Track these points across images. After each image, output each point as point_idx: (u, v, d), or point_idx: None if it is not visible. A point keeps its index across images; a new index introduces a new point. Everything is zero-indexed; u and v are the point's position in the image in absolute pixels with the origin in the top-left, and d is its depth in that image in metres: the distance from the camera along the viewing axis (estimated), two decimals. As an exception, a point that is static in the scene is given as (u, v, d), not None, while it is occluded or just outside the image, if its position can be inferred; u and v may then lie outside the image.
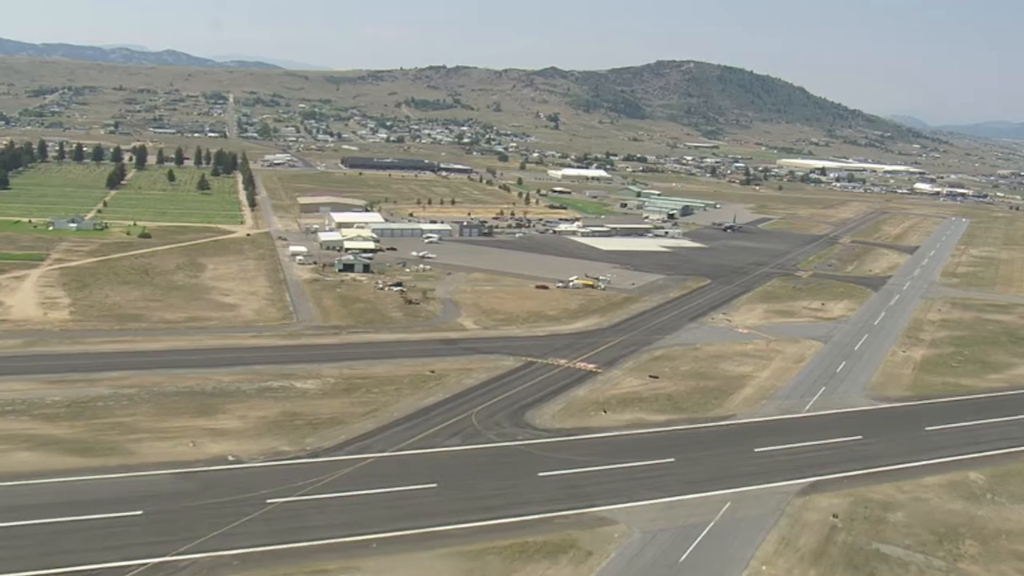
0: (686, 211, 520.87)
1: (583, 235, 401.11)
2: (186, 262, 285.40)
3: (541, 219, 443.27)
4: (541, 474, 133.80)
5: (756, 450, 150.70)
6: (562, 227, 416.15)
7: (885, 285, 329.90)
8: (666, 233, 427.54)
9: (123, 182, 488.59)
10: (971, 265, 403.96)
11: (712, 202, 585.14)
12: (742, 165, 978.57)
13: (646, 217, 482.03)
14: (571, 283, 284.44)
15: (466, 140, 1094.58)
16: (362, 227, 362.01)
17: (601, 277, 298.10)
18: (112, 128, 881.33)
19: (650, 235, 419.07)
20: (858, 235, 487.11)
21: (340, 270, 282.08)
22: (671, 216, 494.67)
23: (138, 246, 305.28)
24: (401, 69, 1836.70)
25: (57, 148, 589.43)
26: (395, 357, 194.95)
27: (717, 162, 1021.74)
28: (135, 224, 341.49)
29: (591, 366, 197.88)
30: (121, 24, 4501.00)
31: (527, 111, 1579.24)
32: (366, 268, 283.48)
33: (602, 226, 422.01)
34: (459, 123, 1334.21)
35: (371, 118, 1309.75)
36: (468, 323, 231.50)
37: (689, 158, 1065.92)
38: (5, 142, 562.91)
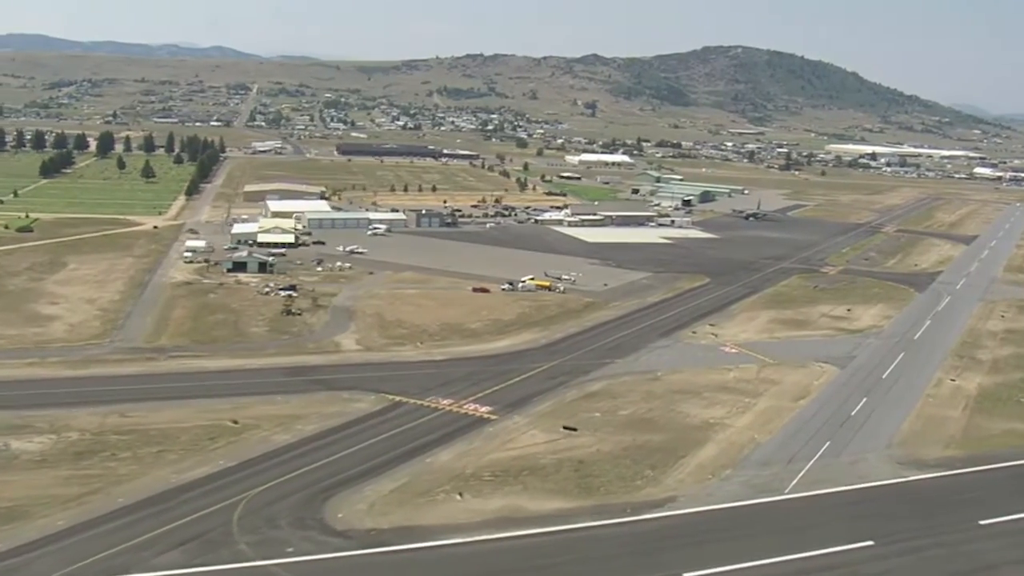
0: (705, 197, 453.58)
1: (569, 224, 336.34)
2: (45, 261, 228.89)
3: (529, 207, 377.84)
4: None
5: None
6: (546, 216, 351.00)
7: (933, 284, 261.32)
8: (672, 222, 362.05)
9: (67, 170, 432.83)
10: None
11: (739, 188, 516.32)
12: (785, 150, 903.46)
13: (657, 204, 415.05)
14: (521, 285, 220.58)
15: (490, 127, 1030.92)
16: (299, 217, 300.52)
17: (564, 276, 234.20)
18: (110, 119, 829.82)
19: (652, 224, 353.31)
20: (906, 223, 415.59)
21: (229, 270, 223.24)
22: (686, 203, 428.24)
23: (5, 241, 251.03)
24: (437, 58, 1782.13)
25: (14, 137, 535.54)
26: (199, 396, 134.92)
27: (760, 148, 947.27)
28: (27, 216, 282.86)
29: (484, 410, 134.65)
30: (172, 22, 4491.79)
31: (564, 99, 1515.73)
32: (263, 267, 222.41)
33: (594, 214, 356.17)
34: (490, 111, 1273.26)
35: (397, 107, 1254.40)
36: (349, 342, 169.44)
37: (729, 144, 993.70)
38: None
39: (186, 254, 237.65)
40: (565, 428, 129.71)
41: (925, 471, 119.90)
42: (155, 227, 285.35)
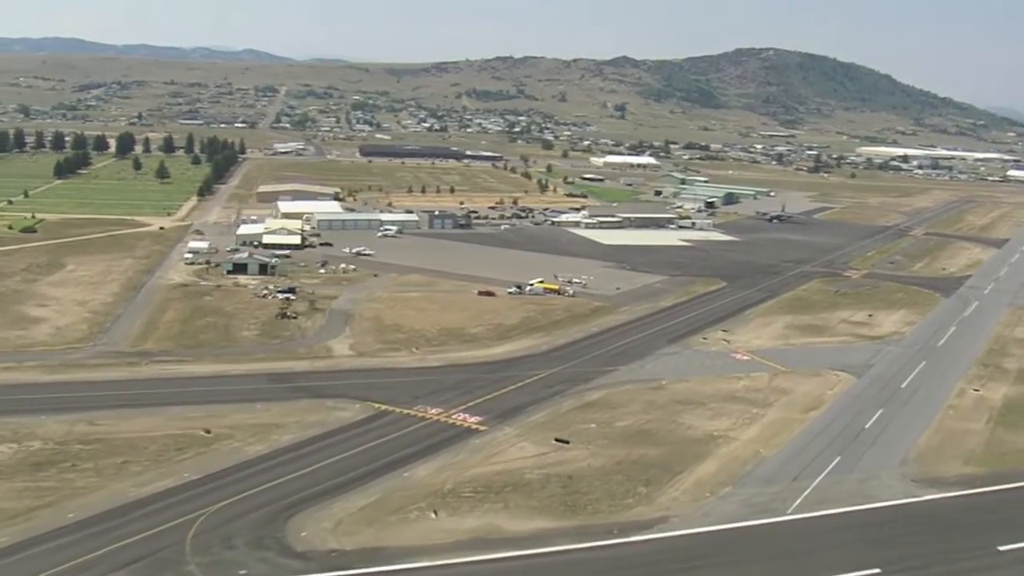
0: (729, 199, 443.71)
1: (586, 227, 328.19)
2: (43, 262, 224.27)
3: (547, 209, 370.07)
4: None
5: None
6: (563, 218, 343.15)
7: (960, 288, 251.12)
8: (693, 224, 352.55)
9: (83, 171, 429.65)
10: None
11: (766, 190, 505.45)
12: (814, 152, 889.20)
13: (679, 206, 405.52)
14: (529, 288, 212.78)
15: (517, 129, 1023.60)
16: (309, 218, 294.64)
17: (574, 280, 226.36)
18: (135, 120, 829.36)
19: (672, 226, 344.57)
20: (935, 226, 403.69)
21: (229, 272, 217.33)
22: (709, 204, 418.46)
23: (6, 241, 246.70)
24: (467, 60, 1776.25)
25: (34, 138, 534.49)
26: (175, 404, 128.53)
27: (789, 150, 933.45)
28: (32, 216, 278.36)
29: (473, 420, 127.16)
30: (205, 26, 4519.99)
31: (593, 101, 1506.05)
32: (263, 269, 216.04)
33: (613, 216, 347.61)
34: (518, 113, 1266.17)
35: (425, 109, 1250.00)
36: (342, 347, 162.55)
37: (759, 146, 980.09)
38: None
39: (187, 255, 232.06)
40: (557, 440, 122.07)
41: (941, 490, 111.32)
42: (161, 228, 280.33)
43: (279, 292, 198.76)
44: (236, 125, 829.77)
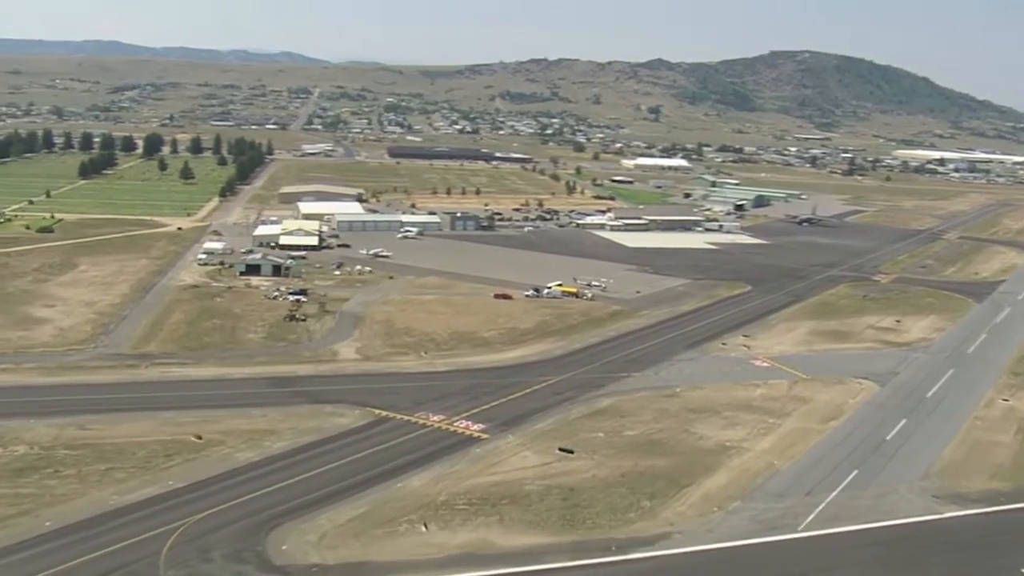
0: (760, 202, 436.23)
1: (611, 229, 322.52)
2: (56, 262, 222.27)
3: (573, 211, 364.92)
4: None
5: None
6: (588, 220, 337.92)
7: (993, 294, 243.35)
8: (720, 227, 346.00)
9: (108, 171, 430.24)
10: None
11: (797, 192, 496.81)
12: (849, 155, 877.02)
13: (708, 209, 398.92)
14: (547, 291, 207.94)
15: (549, 132, 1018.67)
16: (329, 219, 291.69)
17: (594, 283, 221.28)
18: (167, 121, 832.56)
19: (699, 229, 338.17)
20: (969, 230, 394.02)
21: (242, 273, 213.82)
22: (739, 207, 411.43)
23: (22, 241, 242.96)
24: (501, 63, 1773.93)
25: (63, 139, 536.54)
26: (169, 408, 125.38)
27: (824, 153, 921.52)
28: (51, 216, 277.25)
29: (476, 427, 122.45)
30: (241, 29, 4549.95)
31: (628, 103, 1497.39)
32: (277, 270, 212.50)
33: (639, 219, 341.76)
34: (551, 115, 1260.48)
35: (458, 111, 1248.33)
36: (348, 351, 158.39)
37: (793, 149, 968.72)
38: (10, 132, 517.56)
39: (200, 256, 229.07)
40: (561, 450, 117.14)
41: (964, 507, 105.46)
42: (179, 228, 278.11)
43: (290, 294, 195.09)
44: (267, 127, 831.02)
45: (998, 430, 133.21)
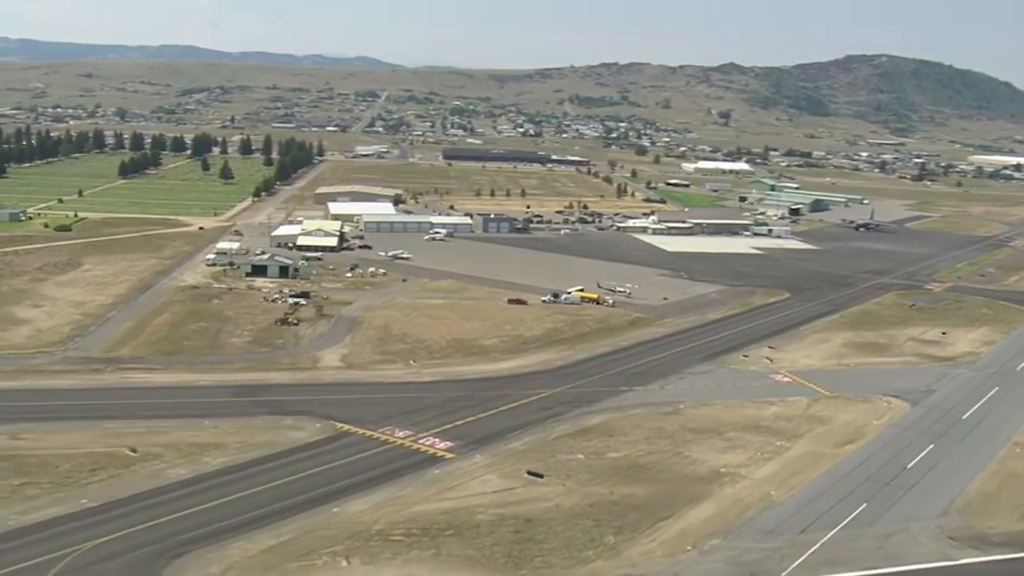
0: (818, 206, 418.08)
1: (653, 232, 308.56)
2: (61, 261, 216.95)
3: (617, 214, 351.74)
4: None
5: None
6: (630, 223, 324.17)
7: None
8: (770, 231, 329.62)
9: (151, 171, 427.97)
10: None
11: (859, 197, 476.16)
12: (921, 160, 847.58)
13: (761, 212, 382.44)
14: (565, 297, 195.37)
15: (613, 135, 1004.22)
16: (357, 220, 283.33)
17: (619, 288, 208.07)
18: (228, 123, 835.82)
19: (746, 233, 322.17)
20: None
21: (248, 273, 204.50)
22: (794, 211, 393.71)
23: (36, 240, 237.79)
24: (571, 67, 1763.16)
25: (114, 139, 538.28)
26: (116, 417, 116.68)
27: (895, 158, 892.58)
28: (75, 215, 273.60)
29: (443, 446, 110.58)
30: (318, 34, 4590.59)
31: (698, 108, 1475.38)
32: (284, 271, 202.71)
33: (683, 222, 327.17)
34: (619, 119, 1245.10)
35: (524, 115, 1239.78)
36: (332, 358, 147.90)
37: (864, 154, 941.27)
38: (61, 132, 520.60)
39: (209, 256, 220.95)
40: (529, 474, 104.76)
41: (984, 551, 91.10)
42: (201, 228, 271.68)
43: (291, 296, 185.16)
44: (328, 129, 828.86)
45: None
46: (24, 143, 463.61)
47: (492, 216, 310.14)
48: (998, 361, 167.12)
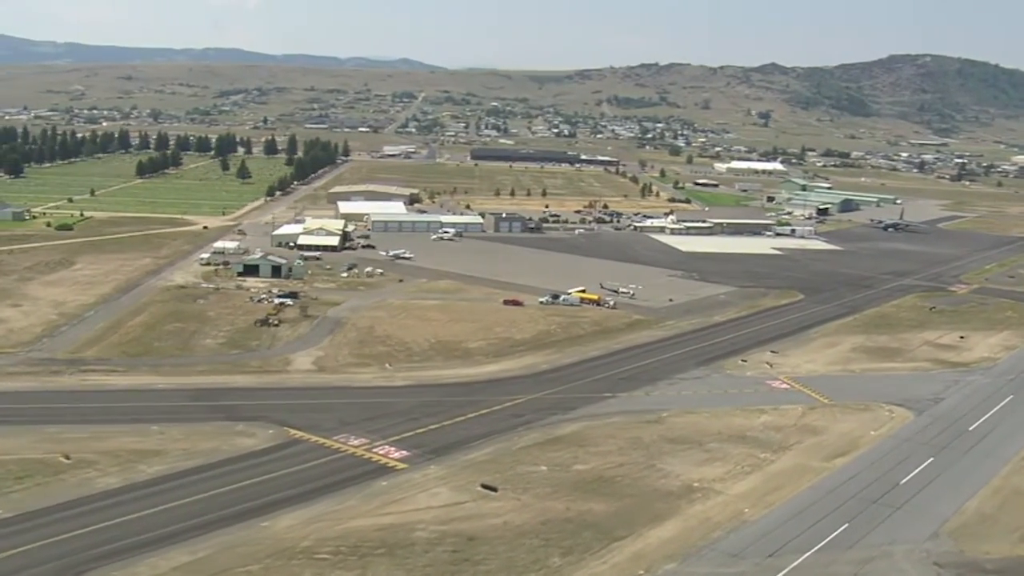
0: (847, 206, 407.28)
1: (671, 232, 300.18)
2: (53, 260, 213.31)
3: (637, 214, 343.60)
4: None
5: None
6: (648, 223, 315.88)
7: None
8: (792, 231, 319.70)
9: (170, 171, 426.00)
10: None
11: (891, 197, 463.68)
12: (962, 160, 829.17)
13: (787, 212, 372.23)
14: (564, 298, 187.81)
15: (649, 136, 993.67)
16: (365, 219, 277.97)
17: (622, 289, 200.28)
18: (261, 124, 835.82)
19: (768, 233, 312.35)
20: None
21: (240, 273, 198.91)
22: (822, 211, 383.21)
23: (35, 239, 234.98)
24: (611, 68, 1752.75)
25: (139, 139, 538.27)
26: (59, 422, 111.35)
27: (936, 158, 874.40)
28: (80, 214, 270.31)
29: (397, 455, 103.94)
30: (361, 36, 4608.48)
31: (738, 108, 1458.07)
32: (276, 271, 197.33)
33: (703, 222, 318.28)
34: (657, 120, 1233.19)
35: (561, 116, 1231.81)
36: (305, 361, 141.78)
37: (904, 155, 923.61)
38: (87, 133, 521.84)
39: (202, 256, 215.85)
40: (483, 487, 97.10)
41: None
42: (204, 227, 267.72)
43: (278, 296, 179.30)
44: (359, 129, 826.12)
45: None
46: (43, 144, 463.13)
47: (504, 215, 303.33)
48: (1017, 367, 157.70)
